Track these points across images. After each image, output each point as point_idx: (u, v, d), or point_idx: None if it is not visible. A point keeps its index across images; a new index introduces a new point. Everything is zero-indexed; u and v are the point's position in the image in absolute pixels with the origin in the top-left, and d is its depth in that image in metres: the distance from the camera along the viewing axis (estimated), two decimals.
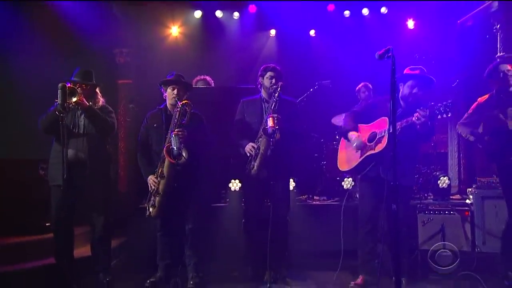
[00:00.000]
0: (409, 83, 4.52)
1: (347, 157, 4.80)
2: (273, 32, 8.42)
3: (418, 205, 5.66)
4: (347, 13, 8.17)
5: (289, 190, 5.19)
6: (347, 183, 6.37)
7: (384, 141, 4.33)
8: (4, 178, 5.71)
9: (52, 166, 4.61)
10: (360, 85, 6.93)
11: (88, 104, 4.50)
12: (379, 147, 4.38)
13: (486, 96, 5.00)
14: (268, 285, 4.53)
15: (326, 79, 6.84)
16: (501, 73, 4.84)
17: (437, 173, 6.44)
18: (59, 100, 4.18)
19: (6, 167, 5.86)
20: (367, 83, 6.93)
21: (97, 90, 4.78)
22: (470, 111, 5.10)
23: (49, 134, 4.61)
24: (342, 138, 4.98)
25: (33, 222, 5.43)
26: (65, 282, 4.30)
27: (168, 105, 4.80)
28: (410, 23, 8.23)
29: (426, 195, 6.37)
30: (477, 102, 5.07)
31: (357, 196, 6.23)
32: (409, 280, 4.61)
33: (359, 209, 4.80)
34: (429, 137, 4.67)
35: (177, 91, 4.70)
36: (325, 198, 6.56)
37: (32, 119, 4.70)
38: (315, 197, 6.67)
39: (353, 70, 7.45)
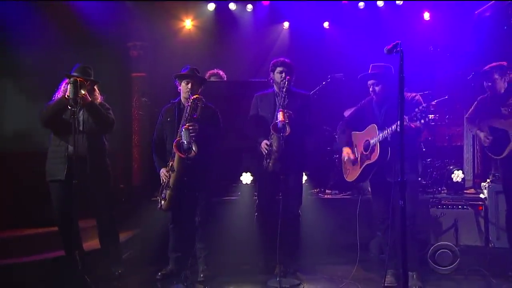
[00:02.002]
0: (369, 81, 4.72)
1: (349, 167, 4.85)
2: (286, 24, 8.36)
3: (431, 200, 5.62)
4: (361, 4, 8.07)
5: (302, 183, 5.17)
6: None
7: (377, 150, 4.44)
8: (20, 170, 5.81)
9: (50, 161, 4.66)
10: None
11: (90, 99, 4.54)
12: (374, 157, 4.48)
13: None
14: (277, 278, 4.54)
15: (339, 72, 6.80)
16: (491, 82, 5.14)
17: (451, 167, 6.37)
18: (71, 95, 4.26)
19: (22, 159, 5.97)
20: None
21: (96, 87, 4.79)
22: (473, 106, 5.42)
23: (48, 127, 4.67)
24: None
25: (48, 213, 5.50)
26: (77, 274, 4.37)
27: (182, 99, 4.83)
28: (426, 15, 8.09)
29: (439, 189, 6.30)
30: (477, 101, 5.40)
31: (369, 189, 6.21)
32: (420, 274, 4.58)
33: (373, 208, 4.81)
34: (419, 134, 4.72)
35: (191, 85, 4.73)
36: (337, 192, 6.52)
37: None
38: (327, 191, 6.65)
39: (367, 63, 7.36)
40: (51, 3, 6.73)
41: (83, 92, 4.35)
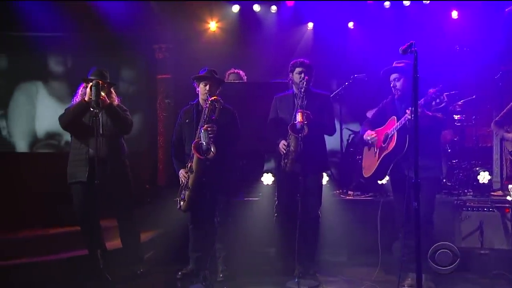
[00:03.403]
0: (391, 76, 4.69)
1: (368, 162, 4.82)
2: (310, 25, 8.32)
3: (456, 202, 5.50)
4: (387, 4, 7.97)
5: (321, 184, 5.12)
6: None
7: (394, 139, 4.39)
8: (42, 171, 5.97)
9: (72, 164, 4.76)
10: None
11: (108, 101, 4.63)
12: (391, 146, 4.43)
13: None
14: (296, 279, 4.53)
15: (363, 73, 6.74)
16: None
17: (477, 168, 6.22)
18: (93, 97, 4.36)
19: (44, 160, 6.13)
20: None
21: (112, 89, 4.87)
22: (505, 110, 5.30)
23: (68, 131, 4.80)
24: (364, 148, 4.98)
25: (69, 213, 5.62)
26: (98, 273, 4.46)
27: (200, 100, 4.88)
28: (454, 13, 7.91)
29: (465, 191, 6.16)
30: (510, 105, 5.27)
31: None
32: (438, 277, 4.53)
33: (395, 211, 4.75)
34: (442, 126, 4.66)
35: (209, 86, 4.77)
36: (359, 193, 6.45)
37: None
38: (349, 192, 6.59)
39: (391, 63, 7.27)
40: (77, 6, 6.87)
41: (102, 94, 4.45)
